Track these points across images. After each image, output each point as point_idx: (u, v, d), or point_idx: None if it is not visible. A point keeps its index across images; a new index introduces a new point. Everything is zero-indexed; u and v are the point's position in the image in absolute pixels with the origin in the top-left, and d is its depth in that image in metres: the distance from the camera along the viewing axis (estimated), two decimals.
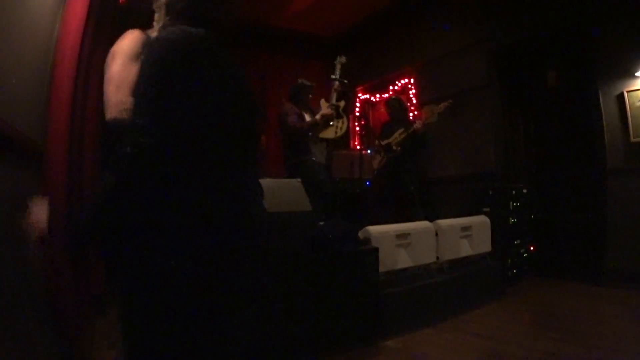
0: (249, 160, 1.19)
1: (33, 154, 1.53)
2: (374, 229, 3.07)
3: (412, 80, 5.96)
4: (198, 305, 1.03)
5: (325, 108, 4.17)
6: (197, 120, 1.04)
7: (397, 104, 5.13)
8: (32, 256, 1.53)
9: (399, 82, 6.14)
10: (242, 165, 1.15)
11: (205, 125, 1.06)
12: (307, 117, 4.24)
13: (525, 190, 4.37)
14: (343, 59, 4.49)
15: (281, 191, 2.54)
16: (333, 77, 4.34)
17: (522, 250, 4.24)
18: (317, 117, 4.06)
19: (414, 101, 5.86)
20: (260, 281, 1.17)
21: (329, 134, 4.12)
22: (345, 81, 4.58)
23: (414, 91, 5.91)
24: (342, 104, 4.29)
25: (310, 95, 4.31)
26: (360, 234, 3.03)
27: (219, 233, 1.04)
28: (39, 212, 1.13)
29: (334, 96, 4.27)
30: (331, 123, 4.14)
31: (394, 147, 4.77)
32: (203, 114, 1.05)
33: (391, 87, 6.29)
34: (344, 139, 6.84)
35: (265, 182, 2.56)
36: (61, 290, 1.58)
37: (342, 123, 4.19)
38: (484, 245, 3.85)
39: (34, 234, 1.12)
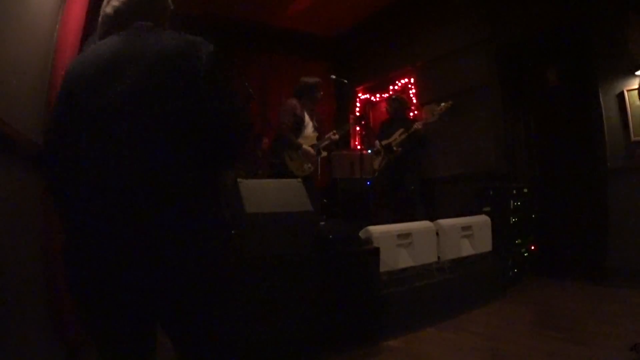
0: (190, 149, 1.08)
1: (33, 154, 1.52)
2: (375, 228, 3.06)
3: (412, 80, 5.96)
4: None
5: (312, 140, 4.23)
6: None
7: (398, 103, 5.13)
8: (32, 256, 1.53)
9: (399, 81, 6.14)
10: (182, 154, 1.06)
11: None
12: (307, 119, 4.24)
13: (526, 190, 4.36)
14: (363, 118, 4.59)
15: (282, 191, 2.54)
16: (337, 132, 4.42)
17: (523, 250, 4.23)
18: (304, 146, 4.12)
19: (415, 101, 5.86)
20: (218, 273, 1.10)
21: (297, 169, 4.15)
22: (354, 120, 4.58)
23: (414, 91, 5.91)
24: (324, 154, 4.38)
25: (317, 93, 4.29)
26: (361, 234, 3.03)
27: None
28: None
29: (324, 142, 4.34)
30: (307, 165, 4.23)
31: (395, 148, 4.76)
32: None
33: (391, 87, 6.28)
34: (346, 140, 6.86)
35: (266, 182, 2.58)
36: (61, 290, 1.58)
37: (309, 169, 4.24)
38: (485, 244, 3.84)
39: None
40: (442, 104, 4.54)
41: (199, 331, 1.08)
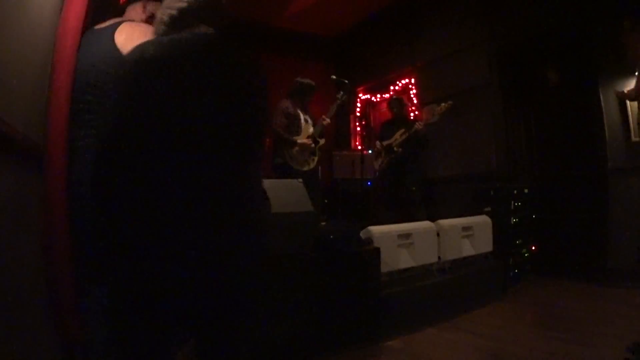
0: (248, 160, 1.16)
1: (33, 154, 1.52)
2: (375, 229, 3.06)
3: (412, 81, 5.95)
4: (184, 307, 1.02)
5: (308, 133, 4.21)
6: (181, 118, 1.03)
7: (398, 104, 5.13)
8: (33, 256, 1.53)
9: (400, 82, 6.14)
10: (239, 165, 1.12)
11: (193, 123, 1.04)
12: (302, 118, 4.26)
13: (526, 190, 4.36)
14: (344, 97, 4.51)
15: (282, 192, 2.53)
16: (326, 117, 4.40)
17: (523, 250, 4.23)
18: (299, 141, 4.14)
19: (415, 101, 5.86)
20: (256, 283, 1.14)
21: (301, 165, 4.16)
22: (343, 89, 4.57)
23: (414, 91, 5.90)
24: (322, 141, 4.36)
25: (309, 95, 4.31)
26: (362, 234, 3.03)
27: (209, 234, 1.02)
28: None
29: (319, 129, 4.33)
30: (311, 157, 4.26)
31: (395, 149, 4.76)
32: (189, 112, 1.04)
33: (392, 88, 6.29)
34: (345, 140, 6.86)
35: (266, 182, 2.57)
36: (61, 290, 1.58)
37: (313, 160, 4.24)
38: (485, 245, 3.84)
39: None
40: (442, 104, 4.54)
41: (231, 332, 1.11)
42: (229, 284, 1.05)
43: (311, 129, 4.31)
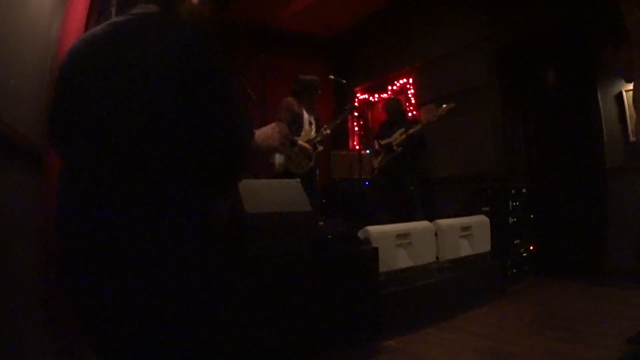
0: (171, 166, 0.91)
1: (33, 154, 1.52)
2: (373, 229, 3.06)
3: (410, 80, 5.96)
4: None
5: (309, 137, 4.26)
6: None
7: (396, 105, 5.13)
8: (31, 256, 1.53)
9: (398, 82, 6.15)
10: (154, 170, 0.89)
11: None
12: (306, 119, 4.26)
13: (524, 190, 4.37)
14: (348, 113, 4.76)
15: (281, 191, 2.53)
16: (327, 127, 4.42)
17: (522, 250, 4.23)
18: (299, 142, 4.14)
19: (413, 101, 5.86)
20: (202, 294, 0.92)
21: (295, 167, 4.18)
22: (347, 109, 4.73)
23: (412, 91, 5.91)
24: (320, 148, 4.38)
25: (315, 90, 4.32)
26: (360, 234, 3.03)
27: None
28: None
29: (318, 138, 4.35)
30: (306, 161, 4.27)
31: (395, 148, 4.76)
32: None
33: (390, 87, 6.29)
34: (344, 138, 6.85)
35: (265, 182, 2.57)
36: (59, 289, 1.58)
37: (307, 165, 4.26)
38: (483, 244, 3.85)
39: None
40: (444, 106, 4.51)
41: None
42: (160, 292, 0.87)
43: (314, 133, 4.31)
